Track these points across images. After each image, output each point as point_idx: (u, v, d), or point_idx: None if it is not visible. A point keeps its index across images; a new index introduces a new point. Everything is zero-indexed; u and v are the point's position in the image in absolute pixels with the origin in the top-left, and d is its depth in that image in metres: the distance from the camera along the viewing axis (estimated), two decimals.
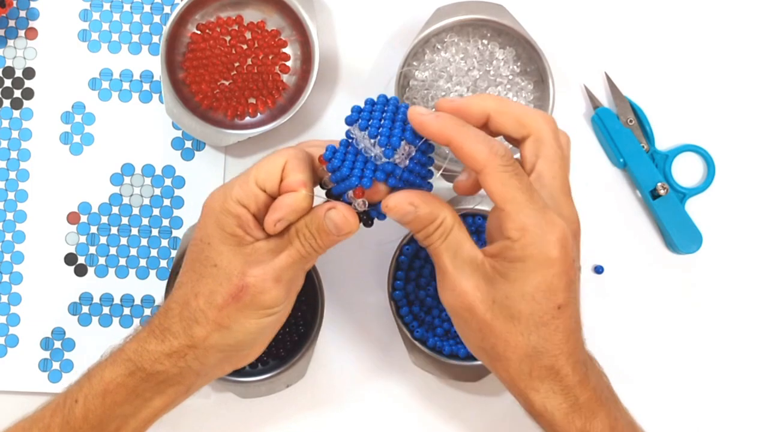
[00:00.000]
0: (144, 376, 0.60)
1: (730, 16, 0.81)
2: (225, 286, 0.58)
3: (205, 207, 0.60)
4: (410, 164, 0.58)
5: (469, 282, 0.56)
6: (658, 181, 0.78)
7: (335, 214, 0.57)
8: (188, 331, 0.59)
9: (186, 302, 0.59)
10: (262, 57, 0.79)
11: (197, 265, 0.60)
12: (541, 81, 0.77)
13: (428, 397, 0.78)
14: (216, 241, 0.59)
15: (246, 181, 0.58)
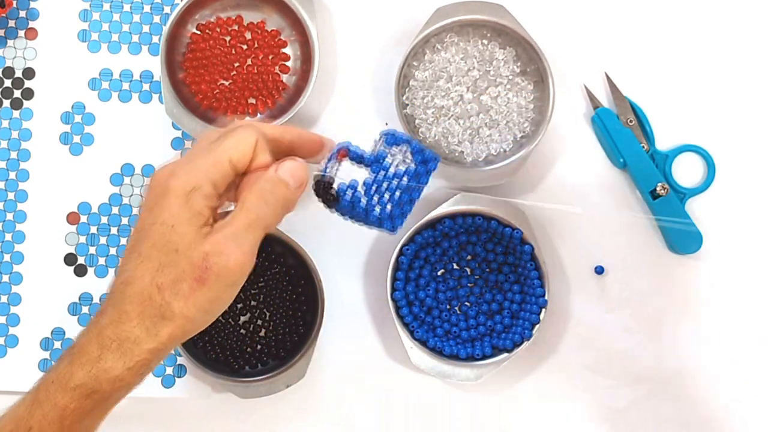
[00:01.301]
0: (104, 396, 0.55)
1: (730, 16, 0.81)
2: (188, 271, 0.55)
3: (165, 186, 0.56)
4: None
5: None
6: (658, 181, 0.78)
7: (288, 163, 0.59)
8: (154, 333, 0.55)
9: (147, 298, 0.55)
10: (262, 57, 0.79)
11: (155, 252, 0.55)
12: (541, 81, 0.77)
13: (428, 398, 0.78)
14: (182, 223, 0.55)
15: (220, 161, 0.56)
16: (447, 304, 0.77)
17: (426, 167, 0.64)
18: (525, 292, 0.76)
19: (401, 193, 0.64)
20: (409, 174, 0.64)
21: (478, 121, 0.77)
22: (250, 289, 0.77)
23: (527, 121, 0.78)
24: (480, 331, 0.76)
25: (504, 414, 0.79)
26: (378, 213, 0.63)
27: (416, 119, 0.78)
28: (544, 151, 0.78)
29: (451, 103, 0.77)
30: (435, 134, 0.77)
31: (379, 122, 0.79)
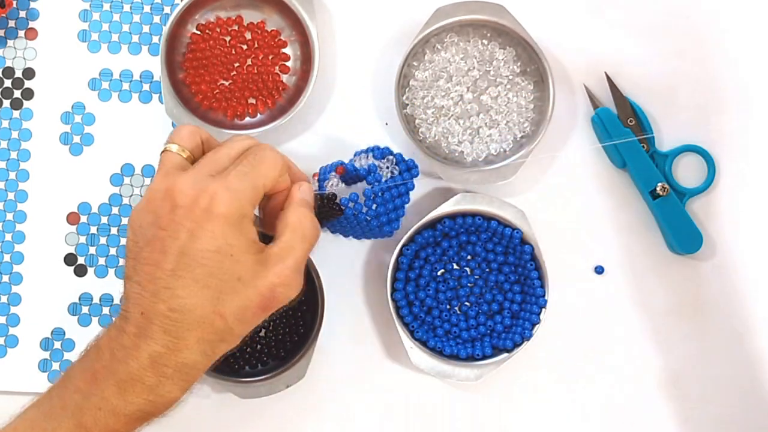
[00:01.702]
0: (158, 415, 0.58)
1: (730, 16, 0.81)
2: (256, 300, 0.57)
3: (208, 210, 0.56)
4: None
5: None
6: (658, 181, 0.78)
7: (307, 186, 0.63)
8: (211, 355, 0.57)
9: (208, 325, 0.56)
10: (262, 57, 0.79)
11: (214, 281, 0.56)
12: (541, 81, 0.77)
13: (428, 398, 0.78)
14: (240, 252, 0.56)
15: (258, 188, 0.58)
16: (447, 304, 0.77)
17: (410, 173, 0.72)
18: (525, 292, 0.76)
19: (394, 199, 0.72)
20: (398, 181, 0.72)
21: (478, 121, 0.77)
22: None
23: (527, 121, 0.78)
24: (480, 331, 0.76)
25: (504, 414, 0.79)
26: (379, 220, 0.71)
27: (416, 119, 0.78)
28: (544, 151, 0.78)
29: (451, 103, 0.77)
30: (435, 134, 0.77)
31: (379, 122, 0.79)
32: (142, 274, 0.57)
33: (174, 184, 0.58)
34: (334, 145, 0.79)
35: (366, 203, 0.71)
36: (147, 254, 0.57)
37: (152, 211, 0.58)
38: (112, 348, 0.57)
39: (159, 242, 0.57)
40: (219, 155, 0.61)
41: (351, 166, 0.71)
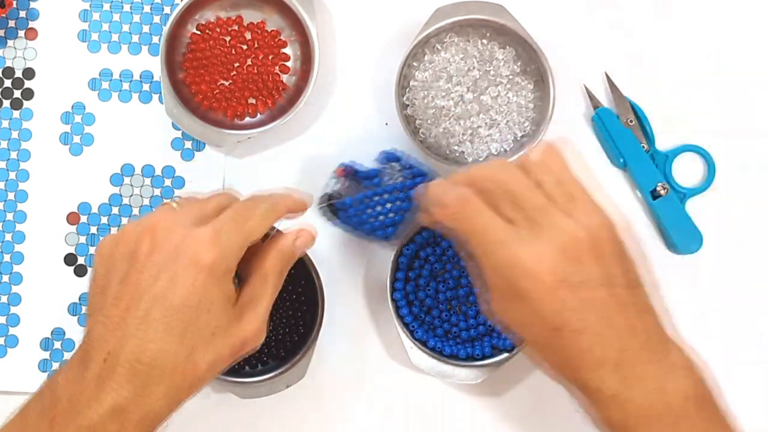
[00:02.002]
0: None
1: (730, 16, 0.81)
2: (227, 350, 0.56)
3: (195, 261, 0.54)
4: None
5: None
6: (658, 181, 0.78)
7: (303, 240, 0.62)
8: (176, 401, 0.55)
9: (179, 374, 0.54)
10: (262, 57, 0.79)
11: (189, 334, 0.54)
12: (541, 81, 0.77)
13: (428, 398, 0.78)
14: (218, 308, 0.55)
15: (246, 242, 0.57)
16: (447, 304, 0.77)
17: (414, 182, 0.71)
18: None
19: (392, 206, 0.72)
20: (399, 188, 0.71)
21: (479, 121, 0.77)
22: None
23: (527, 121, 0.78)
24: (480, 331, 0.76)
25: (504, 414, 0.79)
26: (371, 224, 0.72)
27: (417, 119, 0.78)
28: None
29: (451, 104, 0.77)
30: (435, 135, 0.77)
31: (379, 122, 0.79)
32: (110, 314, 0.54)
33: (159, 221, 0.56)
34: (334, 146, 0.79)
35: (360, 207, 0.71)
36: (117, 292, 0.55)
37: (128, 243, 0.56)
38: (70, 393, 0.53)
39: (133, 283, 0.54)
40: (206, 203, 0.60)
41: (353, 167, 0.72)
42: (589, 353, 0.54)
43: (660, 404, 0.54)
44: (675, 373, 0.55)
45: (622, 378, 0.54)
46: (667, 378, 0.55)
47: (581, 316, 0.54)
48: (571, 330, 0.53)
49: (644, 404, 0.54)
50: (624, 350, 0.54)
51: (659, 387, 0.55)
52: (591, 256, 0.54)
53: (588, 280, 0.54)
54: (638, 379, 0.54)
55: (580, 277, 0.54)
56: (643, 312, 0.56)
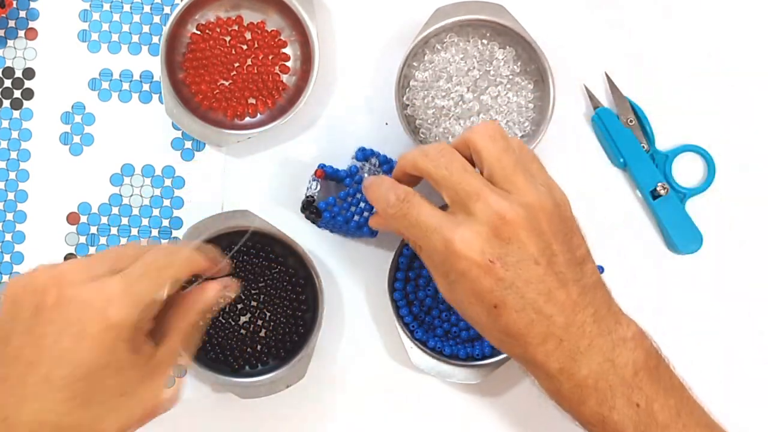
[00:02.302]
0: None
1: (730, 16, 0.81)
2: (138, 413, 0.53)
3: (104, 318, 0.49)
4: None
5: None
6: (658, 181, 0.78)
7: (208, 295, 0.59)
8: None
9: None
10: (262, 57, 0.79)
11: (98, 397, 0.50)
12: (541, 81, 0.77)
13: (428, 398, 0.78)
14: (128, 367, 0.51)
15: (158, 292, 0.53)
16: (447, 304, 0.77)
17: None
18: None
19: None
20: None
21: (479, 120, 0.77)
22: (251, 289, 0.77)
23: (527, 121, 0.78)
24: None
25: (504, 414, 0.79)
26: (357, 221, 0.72)
27: (417, 120, 0.78)
28: (545, 150, 0.78)
29: (451, 104, 0.77)
30: (435, 135, 0.77)
31: (380, 122, 0.79)
32: (11, 369, 0.50)
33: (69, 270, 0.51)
34: (334, 146, 0.79)
35: (343, 205, 0.72)
36: (20, 344, 0.50)
37: (35, 291, 0.51)
38: None
39: (36, 336, 0.49)
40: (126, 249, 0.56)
41: (330, 168, 0.73)
42: (532, 329, 0.55)
43: (611, 376, 0.55)
44: (624, 345, 0.56)
45: (567, 352, 0.55)
46: (616, 351, 0.56)
47: (519, 294, 0.54)
48: (510, 308, 0.54)
49: (592, 376, 0.55)
50: (568, 325, 0.55)
51: (607, 359, 0.56)
52: (527, 235, 0.55)
53: (523, 258, 0.55)
54: (585, 353, 0.55)
55: (514, 257, 0.54)
56: (590, 287, 0.57)
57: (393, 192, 0.59)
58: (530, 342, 0.55)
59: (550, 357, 0.55)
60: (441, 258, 0.56)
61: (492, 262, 0.54)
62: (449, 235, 0.55)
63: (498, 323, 0.55)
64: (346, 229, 0.74)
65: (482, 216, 0.55)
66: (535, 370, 0.57)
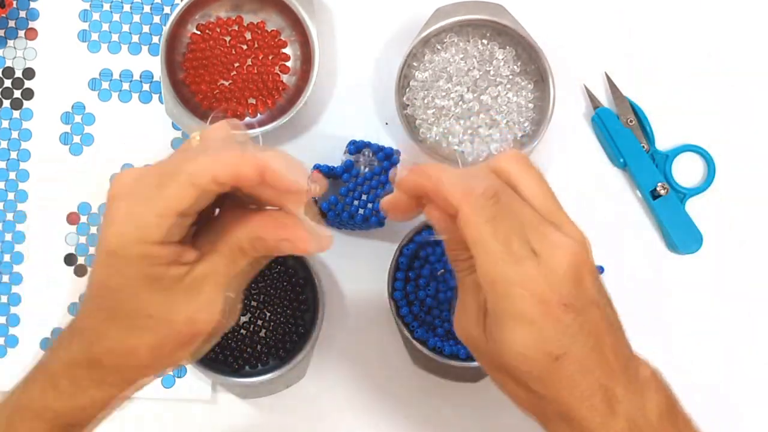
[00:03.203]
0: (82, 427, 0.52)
1: (730, 17, 0.81)
2: (172, 336, 0.49)
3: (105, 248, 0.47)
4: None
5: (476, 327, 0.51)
6: (658, 181, 0.78)
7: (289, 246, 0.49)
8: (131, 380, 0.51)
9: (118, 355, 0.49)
10: (262, 57, 0.79)
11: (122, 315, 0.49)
12: (541, 80, 0.77)
13: (428, 398, 0.78)
14: (144, 291, 0.48)
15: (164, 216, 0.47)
16: (447, 303, 0.77)
17: (390, 161, 0.74)
18: None
19: (376, 190, 0.73)
20: (377, 171, 0.74)
21: (479, 120, 0.77)
22: (250, 289, 0.77)
23: (527, 121, 0.78)
24: None
25: (504, 414, 0.79)
26: (362, 214, 0.73)
27: (417, 119, 0.78)
28: (545, 150, 0.78)
29: (451, 104, 0.77)
30: (435, 134, 0.77)
31: (379, 122, 0.79)
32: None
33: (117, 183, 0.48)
34: (335, 145, 0.79)
35: (346, 201, 0.73)
36: None
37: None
38: (57, 339, 0.52)
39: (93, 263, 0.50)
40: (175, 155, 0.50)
41: (325, 167, 0.73)
42: (581, 382, 0.50)
43: (642, 423, 0.51)
44: (649, 389, 0.53)
45: (608, 405, 0.50)
46: (645, 396, 0.52)
47: (583, 342, 0.49)
48: (572, 359, 0.49)
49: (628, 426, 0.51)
50: (610, 375, 0.51)
51: (641, 407, 0.52)
52: (590, 278, 0.50)
53: (588, 303, 0.50)
54: (622, 403, 0.51)
55: (581, 301, 0.49)
56: (619, 330, 0.53)
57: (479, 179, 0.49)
58: (576, 396, 0.49)
59: (594, 412, 0.50)
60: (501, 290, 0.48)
61: (565, 306, 0.48)
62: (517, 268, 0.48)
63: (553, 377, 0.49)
64: (352, 224, 0.74)
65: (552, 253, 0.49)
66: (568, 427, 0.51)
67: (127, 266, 0.47)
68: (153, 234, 0.47)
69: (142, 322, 0.48)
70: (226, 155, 0.47)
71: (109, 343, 0.49)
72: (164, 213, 0.46)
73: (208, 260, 0.49)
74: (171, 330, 0.49)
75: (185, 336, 0.49)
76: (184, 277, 0.48)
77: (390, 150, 0.75)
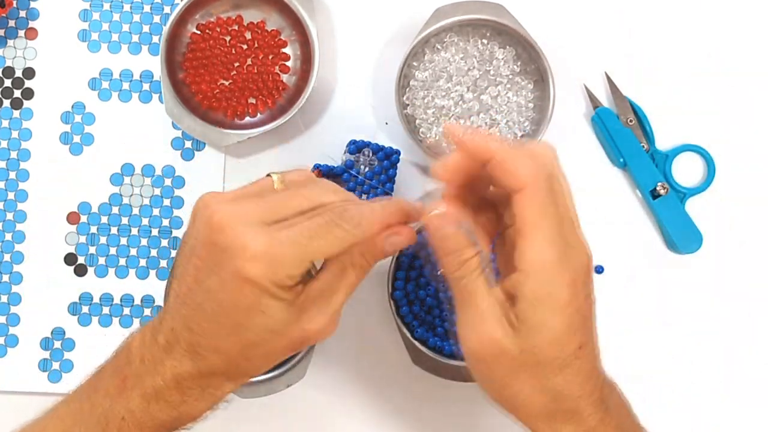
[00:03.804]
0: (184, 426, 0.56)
1: (730, 17, 0.81)
2: (286, 344, 0.53)
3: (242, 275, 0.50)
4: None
5: (499, 328, 0.52)
6: (658, 181, 0.78)
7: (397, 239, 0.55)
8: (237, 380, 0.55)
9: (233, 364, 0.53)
10: (262, 57, 0.79)
11: (246, 332, 0.52)
12: (541, 80, 0.77)
13: (428, 397, 0.78)
14: (271, 311, 0.52)
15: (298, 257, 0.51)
16: (447, 303, 0.77)
17: (390, 161, 0.75)
18: None
19: (376, 189, 0.74)
20: (377, 171, 0.74)
21: (479, 120, 0.77)
22: None
23: (528, 120, 0.78)
24: None
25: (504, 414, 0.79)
26: None
27: (417, 119, 0.78)
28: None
29: (451, 103, 0.77)
30: (435, 134, 0.77)
31: (380, 122, 0.79)
32: (183, 286, 0.53)
33: (215, 213, 0.51)
34: (335, 145, 0.79)
35: None
36: (187, 265, 0.53)
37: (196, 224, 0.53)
38: (143, 354, 0.55)
39: (194, 265, 0.52)
40: (290, 199, 0.53)
41: (325, 167, 0.73)
42: (591, 375, 0.54)
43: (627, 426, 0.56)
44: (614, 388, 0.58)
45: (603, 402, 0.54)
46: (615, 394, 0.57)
47: (593, 337, 0.54)
48: (588, 350, 0.53)
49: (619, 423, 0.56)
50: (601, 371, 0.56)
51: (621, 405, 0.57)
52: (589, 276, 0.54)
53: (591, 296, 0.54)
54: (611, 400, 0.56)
55: (592, 292, 0.54)
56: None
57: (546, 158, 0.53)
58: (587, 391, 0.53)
59: (596, 408, 0.54)
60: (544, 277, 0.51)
61: (586, 297, 0.52)
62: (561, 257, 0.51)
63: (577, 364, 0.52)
64: None
65: (580, 248, 0.52)
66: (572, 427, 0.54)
67: (262, 292, 0.51)
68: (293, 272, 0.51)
69: (263, 336, 0.52)
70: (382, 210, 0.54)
71: (227, 355, 0.52)
72: (308, 258, 0.52)
73: (320, 276, 0.54)
74: (286, 341, 0.53)
75: (296, 343, 0.53)
76: (300, 294, 0.53)
77: (390, 150, 0.75)
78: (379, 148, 0.75)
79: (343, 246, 0.53)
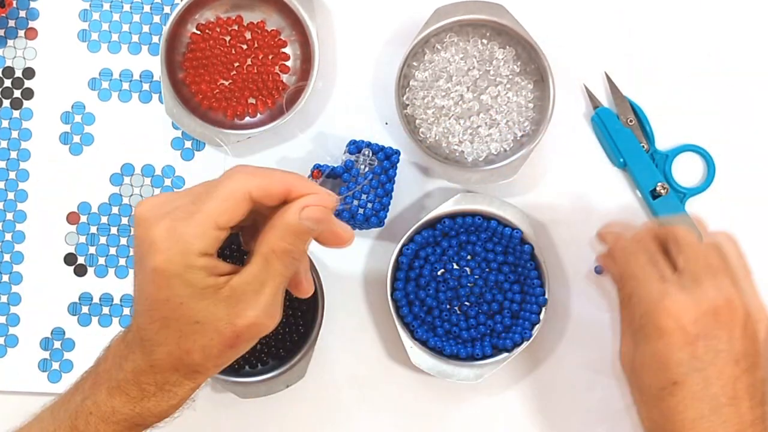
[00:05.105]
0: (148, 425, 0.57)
1: (730, 17, 0.81)
2: (217, 338, 0.53)
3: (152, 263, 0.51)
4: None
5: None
6: (658, 181, 0.78)
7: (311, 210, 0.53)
8: (192, 379, 0.55)
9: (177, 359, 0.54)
10: (262, 57, 0.79)
11: (174, 323, 0.53)
12: (541, 80, 0.77)
13: (428, 397, 0.78)
14: (189, 300, 0.52)
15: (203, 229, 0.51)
16: (447, 303, 0.77)
17: (390, 161, 0.75)
18: (525, 292, 0.76)
19: (376, 190, 0.74)
20: (377, 171, 0.74)
21: (479, 120, 0.77)
22: None
23: (527, 121, 0.78)
24: (480, 331, 0.76)
25: (504, 414, 0.79)
26: (363, 213, 0.74)
27: (416, 119, 0.78)
28: (545, 150, 0.78)
29: (451, 103, 0.77)
30: (435, 134, 0.77)
31: (380, 122, 0.79)
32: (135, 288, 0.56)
33: (135, 209, 0.54)
34: (334, 145, 0.79)
35: (346, 201, 0.73)
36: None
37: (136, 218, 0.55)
38: (115, 352, 0.57)
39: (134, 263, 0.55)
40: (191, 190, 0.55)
41: (326, 167, 0.73)
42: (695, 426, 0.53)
43: None
44: None
45: None
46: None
47: (706, 382, 0.54)
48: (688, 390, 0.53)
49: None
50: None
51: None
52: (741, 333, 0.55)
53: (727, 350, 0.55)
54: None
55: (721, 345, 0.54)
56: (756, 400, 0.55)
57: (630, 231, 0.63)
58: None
59: None
60: (646, 308, 0.56)
61: (697, 336, 0.54)
62: (671, 290, 0.56)
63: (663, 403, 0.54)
64: (353, 223, 0.74)
65: (710, 291, 0.56)
66: None
67: (173, 279, 0.52)
68: (195, 246, 0.51)
69: (191, 327, 0.53)
70: (258, 174, 0.53)
71: (166, 348, 0.53)
72: (205, 225, 0.51)
73: (245, 269, 0.53)
74: (216, 333, 0.53)
75: (229, 338, 0.53)
76: (223, 286, 0.53)
77: (390, 150, 0.75)
78: (379, 148, 0.75)
79: (236, 199, 0.52)
